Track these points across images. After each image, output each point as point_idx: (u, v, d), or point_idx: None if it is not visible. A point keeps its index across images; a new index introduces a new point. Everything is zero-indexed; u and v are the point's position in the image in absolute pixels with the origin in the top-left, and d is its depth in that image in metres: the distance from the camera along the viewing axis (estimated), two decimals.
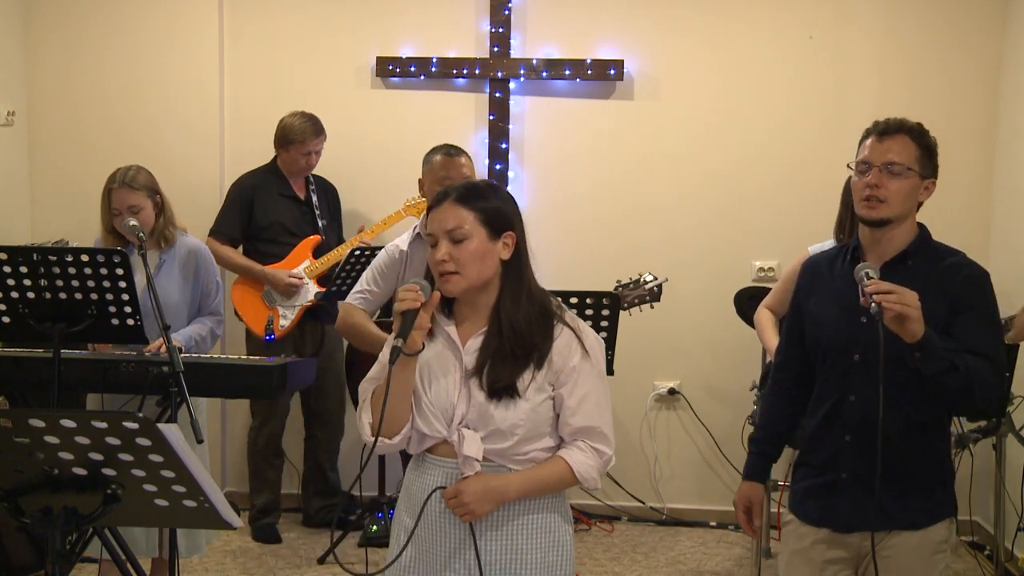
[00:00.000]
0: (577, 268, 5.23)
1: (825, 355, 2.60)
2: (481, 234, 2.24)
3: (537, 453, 2.28)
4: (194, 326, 3.71)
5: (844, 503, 2.54)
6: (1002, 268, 5.04)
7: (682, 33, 5.29)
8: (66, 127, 5.43)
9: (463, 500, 2.21)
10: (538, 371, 2.25)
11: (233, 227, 4.86)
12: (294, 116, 4.90)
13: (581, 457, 2.29)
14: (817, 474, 2.61)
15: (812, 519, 2.61)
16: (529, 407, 2.24)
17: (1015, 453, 4.34)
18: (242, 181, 4.97)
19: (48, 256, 3.19)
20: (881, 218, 2.51)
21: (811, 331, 2.64)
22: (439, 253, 2.24)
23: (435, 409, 2.26)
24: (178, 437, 1.87)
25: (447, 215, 2.25)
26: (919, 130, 2.59)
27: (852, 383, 2.53)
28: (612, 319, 3.32)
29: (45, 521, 1.99)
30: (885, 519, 2.49)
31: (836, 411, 2.56)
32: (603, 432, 2.31)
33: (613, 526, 5.25)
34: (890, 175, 2.50)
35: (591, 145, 5.35)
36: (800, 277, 2.75)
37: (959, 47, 5.17)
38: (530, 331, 2.25)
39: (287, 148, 4.89)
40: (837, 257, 2.68)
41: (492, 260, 2.25)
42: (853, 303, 2.49)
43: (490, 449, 2.25)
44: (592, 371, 2.30)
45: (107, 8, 5.40)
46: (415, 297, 2.20)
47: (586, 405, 2.28)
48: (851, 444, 2.53)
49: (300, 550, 4.79)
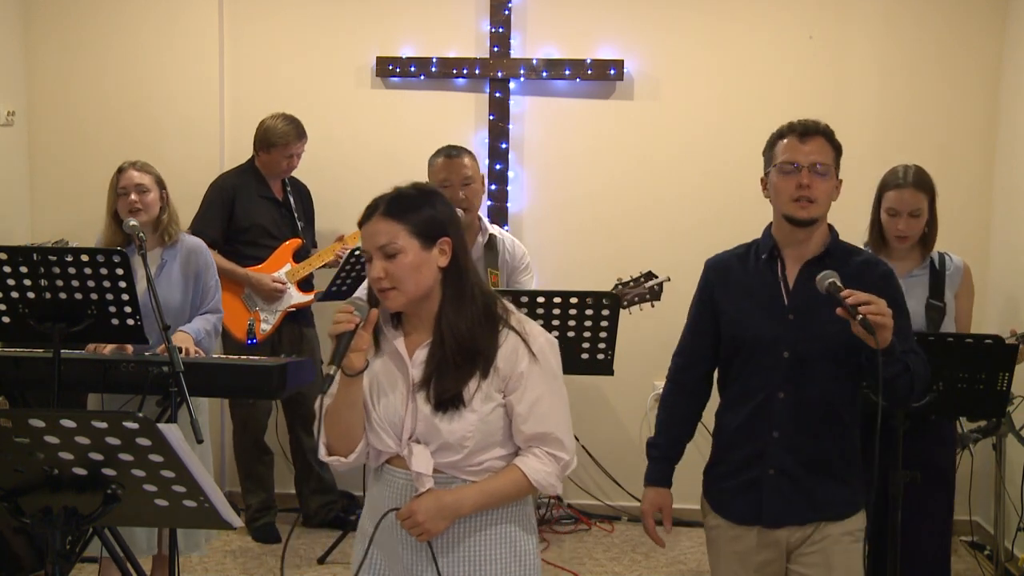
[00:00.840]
0: (577, 268, 5.23)
1: (749, 353, 2.60)
2: (414, 246, 2.17)
3: (492, 463, 2.22)
4: (199, 321, 3.72)
5: (772, 499, 2.56)
6: (1002, 268, 5.04)
7: (682, 33, 5.29)
8: (66, 127, 5.44)
9: (417, 520, 2.16)
10: (484, 379, 2.18)
11: (214, 228, 4.74)
12: (276, 118, 4.86)
13: (537, 464, 2.22)
14: (740, 472, 2.62)
15: (740, 519, 2.62)
16: (477, 417, 2.17)
17: (1015, 453, 4.34)
18: (222, 182, 4.91)
19: (48, 256, 3.19)
20: (812, 217, 2.56)
21: (730, 330, 2.65)
22: (374, 271, 2.18)
23: (384, 424, 2.22)
24: (178, 437, 1.87)
25: (377, 230, 2.19)
26: (831, 131, 2.64)
27: (781, 380, 2.55)
28: (612, 319, 3.31)
29: (45, 521, 1.99)
30: (812, 511, 2.55)
31: (764, 408, 2.57)
32: (558, 437, 2.23)
33: (613, 526, 5.25)
34: (817, 175, 2.55)
35: (591, 145, 5.35)
36: (707, 275, 2.76)
37: (959, 47, 5.17)
38: (472, 338, 2.18)
39: (269, 150, 4.85)
40: (747, 255, 2.70)
41: (430, 270, 2.19)
42: (777, 301, 2.57)
43: (441, 462, 2.19)
44: (542, 374, 2.22)
45: (107, 8, 5.40)
46: (349, 319, 2.14)
47: (538, 410, 2.21)
48: (779, 440, 2.55)
49: (300, 550, 4.78)
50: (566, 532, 5.15)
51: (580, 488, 5.38)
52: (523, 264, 3.89)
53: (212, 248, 4.75)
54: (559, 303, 3.27)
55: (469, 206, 3.71)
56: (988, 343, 3.32)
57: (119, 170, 3.68)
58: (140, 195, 3.62)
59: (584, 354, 3.34)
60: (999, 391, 3.36)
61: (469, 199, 3.71)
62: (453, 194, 3.71)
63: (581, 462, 5.39)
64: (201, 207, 4.85)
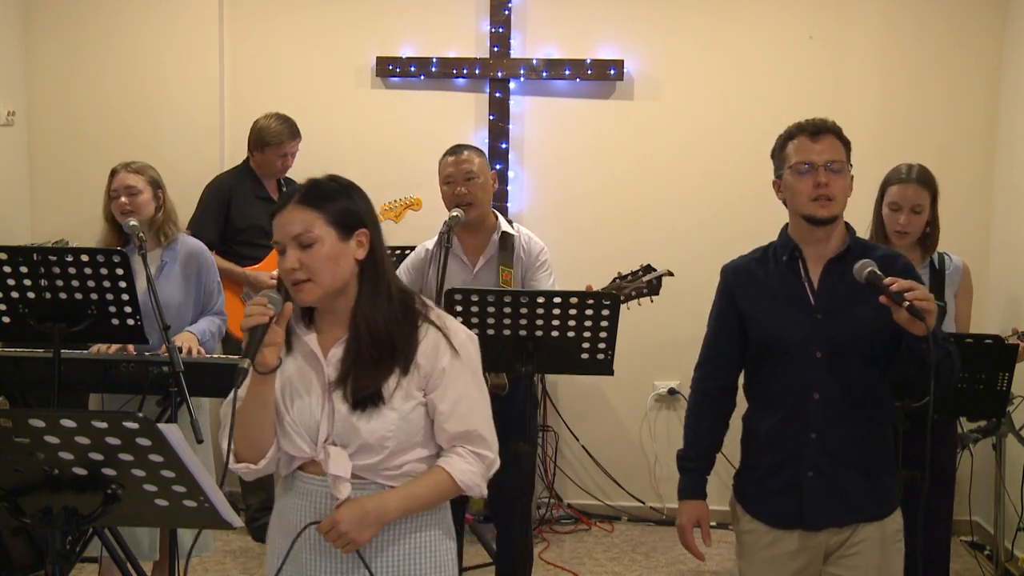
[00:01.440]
0: (577, 268, 5.22)
1: (779, 355, 2.58)
2: (331, 236, 2.08)
3: (412, 465, 2.13)
4: (204, 322, 3.73)
5: (812, 501, 2.54)
6: (1002, 268, 5.04)
7: (682, 33, 5.29)
8: (66, 127, 5.44)
9: (341, 530, 2.05)
10: (404, 376, 2.09)
11: (211, 230, 4.74)
12: (269, 118, 4.86)
13: (463, 464, 2.13)
14: (776, 475, 2.60)
15: (780, 522, 2.59)
16: (397, 416, 2.08)
17: (1015, 453, 4.34)
18: (217, 183, 4.91)
19: (48, 256, 3.19)
20: (832, 215, 2.55)
21: (757, 333, 2.63)
22: (288, 261, 2.08)
23: (299, 427, 2.12)
24: (178, 437, 1.86)
25: (292, 219, 2.09)
26: (839, 128, 2.64)
27: (814, 381, 2.53)
28: (612, 319, 3.31)
29: (45, 521, 1.99)
30: (851, 512, 2.53)
31: (800, 409, 2.55)
32: (482, 435, 2.15)
33: (613, 526, 5.25)
34: (833, 173, 2.54)
35: (591, 145, 5.35)
36: (726, 281, 2.74)
37: (959, 47, 5.17)
38: (389, 333, 2.09)
39: (262, 150, 4.85)
40: (765, 258, 2.69)
41: (346, 262, 2.10)
42: (803, 302, 2.56)
43: (359, 465, 2.09)
44: (465, 371, 2.14)
45: (107, 8, 5.40)
46: (263, 311, 2.03)
47: (461, 408, 2.12)
48: (816, 441, 2.53)
49: None
50: (566, 532, 5.15)
51: (580, 488, 5.38)
52: (539, 261, 3.86)
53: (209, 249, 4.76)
54: (559, 303, 3.26)
55: (472, 201, 3.70)
56: (988, 343, 3.33)
57: (112, 172, 3.67)
58: (130, 197, 3.60)
59: (584, 354, 3.34)
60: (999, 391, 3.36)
61: (472, 194, 3.70)
62: (455, 190, 3.71)
63: (581, 462, 5.40)
64: (197, 209, 4.85)
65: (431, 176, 3.89)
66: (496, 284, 3.72)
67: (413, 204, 4.95)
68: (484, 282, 3.73)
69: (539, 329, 3.26)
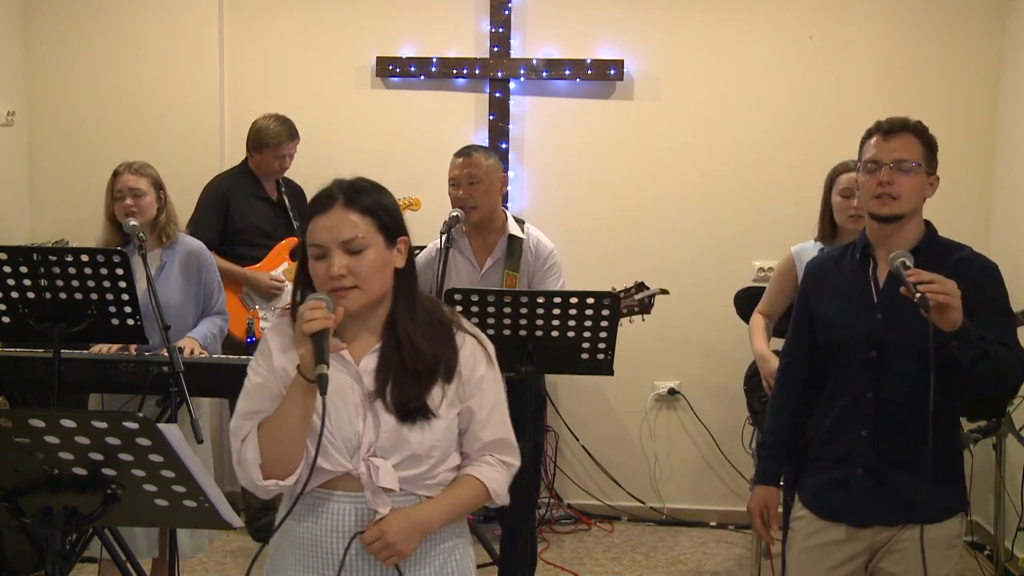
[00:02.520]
0: (577, 268, 5.21)
1: (839, 353, 2.63)
2: (379, 242, 2.01)
3: (445, 475, 2.09)
4: (205, 324, 3.73)
5: (860, 497, 2.57)
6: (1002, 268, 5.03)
7: (682, 33, 5.29)
8: (66, 127, 5.44)
9: (388, 540, 1.97)
10: (447, 385, 2.05)
11: (210, 230, 4.73)
12: (268, 119, 4.86)
13: (493, 473, 2.11)
14: (831, 469, 2.64)
15: (828, 514, 2.64)
16: (444, 425, 2.04)
17: (1015, 453, 4.34)
18: (216, 184, 4.91)
19: (48, 256, 3.19)
20: (894, 213, 2.55)
21: (822, 331, 2.67)
22: (335, 267, 1.97)
23: (337, 441, 2.01)
24: (178, 437, 1.86)
25: (341, 222, 1.99)
26: (922, 128, 2.63)
27: (868, 380, 2.56)
28: (612, 319, 3.31)
29: (45, 521, 1.99)
30: (901, 512, 2.54)
31: (853, 407, 2.59)
32: (511, 443, 2.15)
33: (613, 526, 5.25)
34: (900, 172, 2.55)
35: (591, 145, 5.35)
36: (806, 277, 2.79)
37: (959, 47, 5.17)
38: (430, 344, 2.04)
39: (261, 151, 4.86)
40: (844, 256, 2.71)
41: (390, 271, 2.04)
42: (867, 300, 2.58)
43: (403, 476, 2.03)
44: (496, 379, 2.13)
45: (107, 8, 5.40)
46: (324, 315, 1.94)
47: (496, 415, 2.11)
48: (867, 439, 2.56)
49: None
50: (566, 532, 5.15)
51: (580, 488, 5.38)
52: (547, 265, 3.83)
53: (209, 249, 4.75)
54: (559, 303, 3.26)
55: (474, 204, 3.69)
56: None
57: (115, 173, 3.67)
58: (135, 199, 3.60)
59: (584, 354, 3.34)
60: None
61: (474, 197, 3.69)
62: (457, 192, 3.70)
63: (581, 462, 5.40)
64: (196, 209, 4.85)
65: (431, 176, 3.89)
66: (499, 286, 3.72)
67: (412, 204, 4.95)
68: (491, 283, 3.73)
69: (539, 329, 3.26)
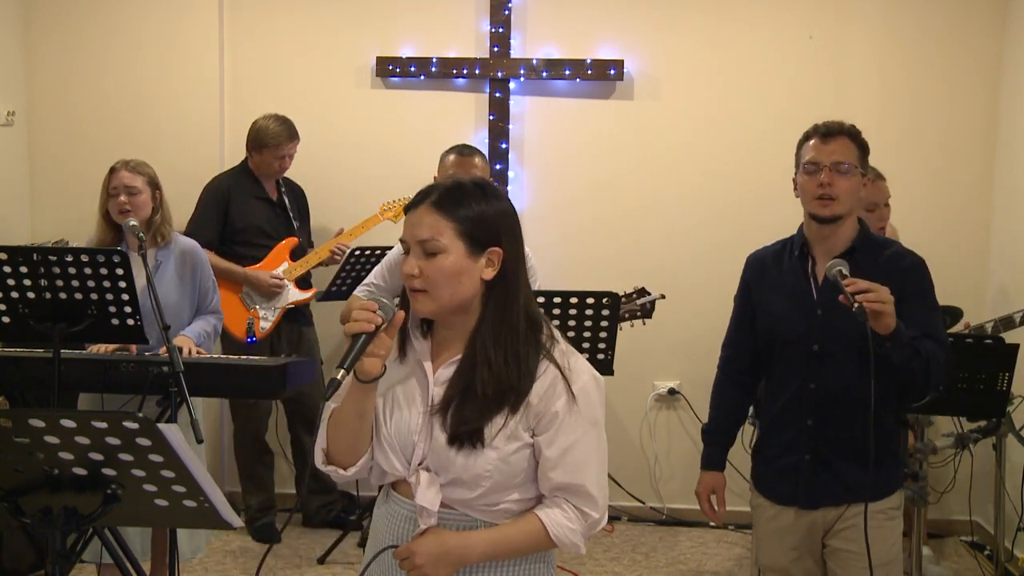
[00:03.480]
0: (577, 268, 5.24)
1: (782, 346, 2.77)
2: (459, 249, 1.90)
3: (510, 505, 1.96)
4: (199, 323, 3.72)
5: (809, 482, 2.74)
6: (1002, 268, 5.04)
7: (682, 33, 5.29)
8: (66, 127, 5.44)
9: (416, 562, 1.89)
10: (512, 415, 1.91)
11: (210, 230, 4.75)
12: (268, 119, 4.86)
13: (560, 518, 1.98)
14: (780, 456, 2.80)
15: (781, 499, 2.80)
16: (497, 456, 1.90)
17: (1015, 453, 4.34)
18: (216, 184, 4.91)
19: (48, 256, 3.19)
20: (834, 214, 2.69)
21: (764, 324, 2.83)
22: (408, 266, 1.91)
23: (394, 443, 1.96)
24: (178, 437, 1.86)
25: (421, 222, 1.91)
26: (856, 131, 2.76)
27: (812, 372, 2.71)
28: (612, 319, 3.31)
29: (45, 521, 1.99)
30: (846, 493, 2.70)
31: (798, 398, 2.74)
32: (590, 492, 2.00)
33: (613, 526, 5.25)
34: (839, 174, 2.68)
35: (591, 145, 5.35)
36: (747, 271, 2.93)
37: (959, 47, 5.17)
38: (507, 370, 1.90)
39: (261, 151, 4.85)
40: (782, 252, 2.85)
41: (471, 280, 1.91)
42: (807, 296, 2.73)
43: (452, 498, 1.93)
44: (581, 419, 1.96)
45: (107, 8, 5.40)
46: (370, 318, 1.86)
47: (570, 458, 1.95)
48: (812, 428, 2.72)
49: (300, 550, 4.78)
50: None
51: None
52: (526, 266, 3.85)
53: (209, 249, 4.73)
54: (559, 303, 3.26)
55: None
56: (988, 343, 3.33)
57: (111, 170, 3.66)
58: (130, 197, 3.59)
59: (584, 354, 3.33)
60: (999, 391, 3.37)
61: None
62: None
63: None
64: (196, 210, 4.86)
65: (431, 176, 3.88)
66: None
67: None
68: None
69: None
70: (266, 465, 5.03)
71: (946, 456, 4.41)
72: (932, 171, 5.16)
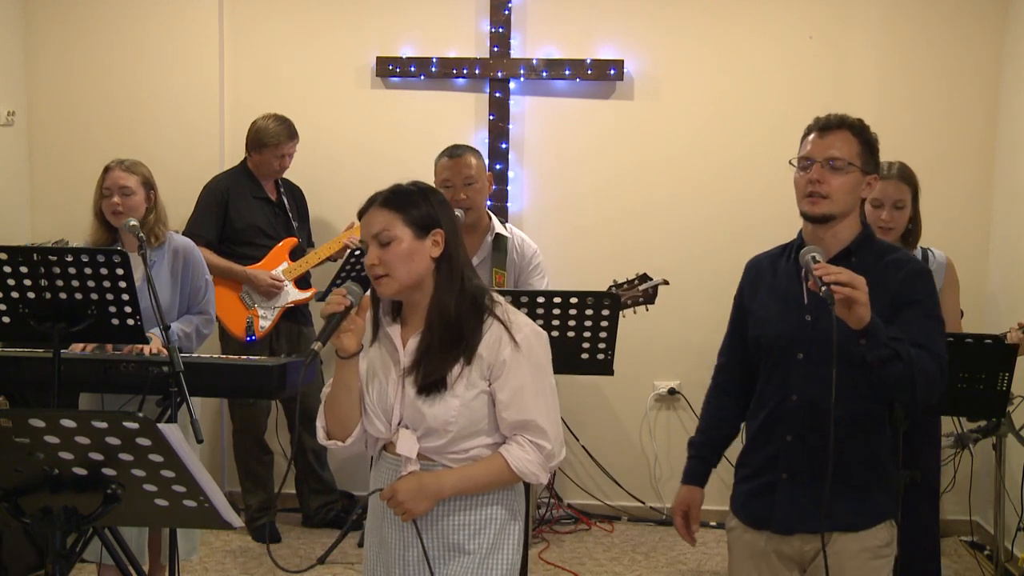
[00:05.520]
0: (577, 268, 5.23)
1: (768, 354, 2.55)
2: (408, 235, 2.28)
3: (478, 451, 2.31)
4: (179, 322, 3.68)
5: (784, 504, 2.49)
6: (1002, 268, 5.04)
7: (682, 33, 5.29)
8: (66, 127, 5.43)
9: (398, 499, 2.26)
10: (467, 366, 2.27)
11: (209, 230, 4.78)
12: (267, 119, 4.87)
13: (520, 452, 2.30)
14: (757, 475, 2.56)
15: (755, 522, 2.56)
16: (459, 403, 2.27)
17: (1015, 453, 4.34)
18: (215, 184, 4.92)
19: (48, 256, 3.19)
20: (823, 214, 2.48)
21: (754, 330, 2.60)
22: (368, 257, 2.29)
23: (376, 409, 2.33)
24: (178, 437, 1.87)
25: (374, 220, 2.31)
26: (860, 125, 2.54)
27: (794, 383, 2.48)
28: (612, 319, 3.31)
29: (45, 521, 1.99)
30: (824, 521, 2.39)
31: (778, 411, 2.51)
32: (540, 425, 2.30)
33: (613, 526, 5.25)
34: (832, 171, 2.46)
35: (591, 145, 5.35)
36: (744, 276, 2.72)
37: (959, 47, 5.17)
38: (459, 322, 2.28)
39: (260, 151, 4.86)
40: (780, 256, 2.64)
41: (422, 259, 2.29)
42: (797, 301, 2.50)
43: (426, 447, 2.29)
44: (526, 363, 2.29)
45: (107, 8, 5.40)
46: (340, 300, 2.25)
47: (520, 398, 2.28)
48: (792, 444, 2.48)
49: (300, 550, 4.78)
50: (566, 532, 5.15)
51: (580, 488, 5.39)
52: (532, 264, 3.85)
53: (208, 249, 4.73)
54: (559, 303, 3.26)
55: (471, 205, 3.71)
56: (988, 343, 3.32)
57: (105, 169, 3.64)
58: (123, 198, 3.58)
59: (584, 354, 3.34)
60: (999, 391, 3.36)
61: (471, 199, 3.71)
62: (455, 194, 3.71)
63: (581, 462, 5.39)
64: (195, 210, 4.87)
65: (430, 177, 3.88)
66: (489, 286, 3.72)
67: None
68: None
69: None
70: (265, 465, 5.03)
71: (946, 456, 4.41)
72: (932, 171, 5.13)
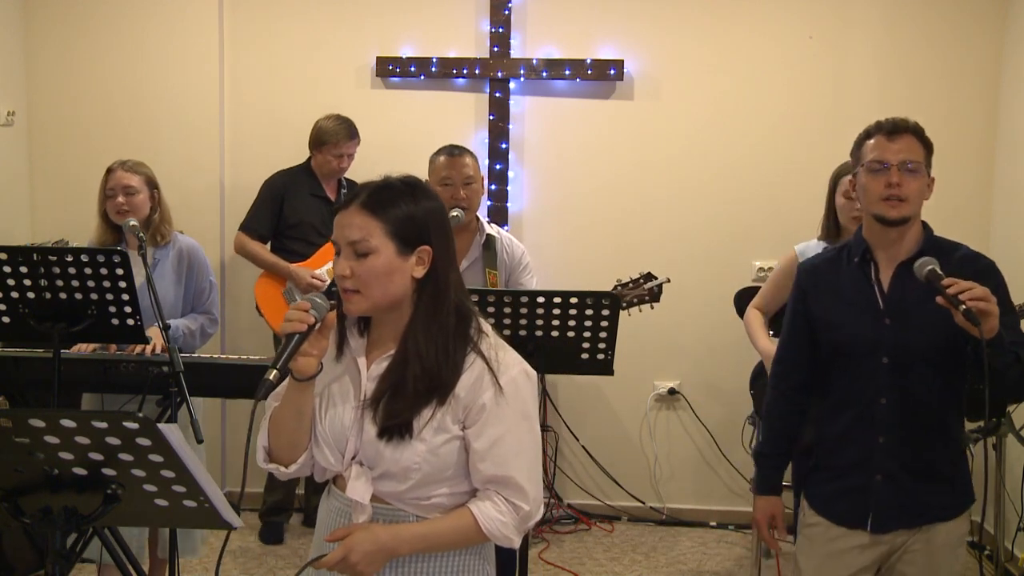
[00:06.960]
0: (577, 268, 5.24)
1: (848, 359, 2.58)
2: (388, 248, 1.92)
3: (443, 499, 1.98)
4: (184, 319, 3.71)
5: (880, 505, 2.55)
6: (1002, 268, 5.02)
7: (682, 33, 5.29)
8: (66, 127, 5.43)
9: (351, 561, 1.92)
10: (439, 407, 1.93)
11: (263, 224, 4.90)
12: (329, 118, 4.96)
13: (492, 512, 1.95)
14: (845, 476, 2.61)
15: (846, 521, 2.61)
16: (426, 448, 1.92)
17: (1015, 453, 4.34)
18: (274, 179, 5.01)
19: (48, 256, 3.19)
20: (903, 216, 2.51)
21: (827, 335, 2.62)
22: (340, 267, 1.93)
23: (329, 438, 2.00)
24: (178, 437, 1.86)
25: (351, 223, 1.93)
26: (921, 129, 2.59)
27: (882, 385, 2.53)
28: (612, 319, 3.31)
29: (45, 521, 1.99)
30: (919, 516, 2.54)
31: (868, 413, 2.55)
32: (519, 484, 1.95)
33: (613, 526, 5.25)
34: (908, 173, 2.50)
35: (591, 145, 5.35)
36: (801, 279, 2.72)
37: (959, 47, 5.17)
38: (439, 365, 1.92)
39: (320, 149, 4.94)
40: (838, 258, 2.65)
41: (402, 279, 1.94)
42: (871, 305, 2.53)
43: (383, 491, 1.97)
44: (510, 411, 1.94)
45: (107, 8, 5.40)
46: (302, 318, 1.89)
47: (498, 450, 1.94)
48: (885, 445, 2.54)
49: (300, 550, 4.78)
50: (566, 532, 5.15)
51: (580, 488, 5.38)
52: (522, 264, 3.88)
53: (262, 242, 4.82)
54: (559, 303, 3.26)
55: (469, 205, 3.71)
56: None
57: (108, 170, 3.67)
58: (127, 197, 3.61)
59: (584, 354, 3.34)
60: None
61: (469, 199, 3.71)
62: (454, 193, 3.71)
63: (581, 462, 5.40)
64: (254, 203, 4.97)
65: None
66: (483, 286, 3.72)
67: None
68: (471, 284, 3.73)
69: (539, 329, 3.26)
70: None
71: None
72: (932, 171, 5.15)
